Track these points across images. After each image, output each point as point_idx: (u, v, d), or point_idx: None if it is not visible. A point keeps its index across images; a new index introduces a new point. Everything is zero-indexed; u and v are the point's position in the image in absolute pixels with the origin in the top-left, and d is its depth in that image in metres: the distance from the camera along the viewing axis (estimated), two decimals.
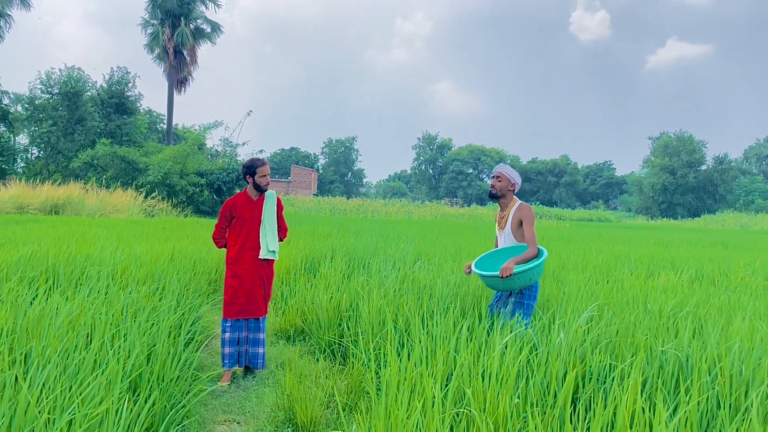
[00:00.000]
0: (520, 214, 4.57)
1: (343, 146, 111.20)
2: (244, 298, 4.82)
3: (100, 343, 3.29)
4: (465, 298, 5.17)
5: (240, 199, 4.99)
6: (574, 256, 9.98)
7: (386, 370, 3.37)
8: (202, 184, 30.44)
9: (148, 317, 4.22)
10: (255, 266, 4.89)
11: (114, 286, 4.92)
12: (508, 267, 4.18)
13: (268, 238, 4.96)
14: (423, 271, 6.81)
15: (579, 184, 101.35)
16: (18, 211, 23.28)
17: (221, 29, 43.28)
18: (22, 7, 36.13)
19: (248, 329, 4.89)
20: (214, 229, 4.98)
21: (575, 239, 17.09)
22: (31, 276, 5.44)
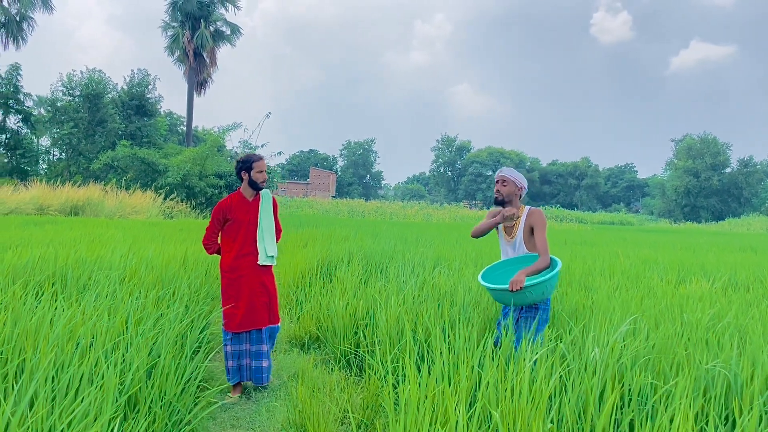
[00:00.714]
0: (532, 221, 4.14)
1: (361, 148, 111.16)
2: (244, 308, 4.48)
3: (100, 354, 3.06)
4: (489, 306, 4.87)
5: (234, 200, 4.59)
6: (600, 261, 9.62)
7: (405, 387, 3.11)
8: (221, 185, 30.42)
9: (154, 325, 4.00)
10: (254, 273, 4.54)
11: (121, 292, 4.71)
12: (519, 279, 3.79)
13: (267, 242, 4.60)
14: (443, 276, 6.53)
15: (600, 186, 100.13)
16: (38, 212, 23.41)
17: (240, 31, 43.37)
18: (44, 10, 36.49)
19: (249, 341, 4.54)
20: (205, 233, 4.62)
21: (599, 243, 16.66)
22: (38, 280, 5.27)
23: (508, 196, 4.21)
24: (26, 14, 35.72)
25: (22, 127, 33.08)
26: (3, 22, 34.74)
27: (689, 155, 73.99)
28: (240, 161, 4.54)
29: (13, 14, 35.31)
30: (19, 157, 32.55)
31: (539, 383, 2.81)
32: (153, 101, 38.99)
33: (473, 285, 5.71)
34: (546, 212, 62.56)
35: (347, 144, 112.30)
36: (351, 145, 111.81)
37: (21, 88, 32.03)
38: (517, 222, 4.20)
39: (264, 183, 4.58)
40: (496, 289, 3.95)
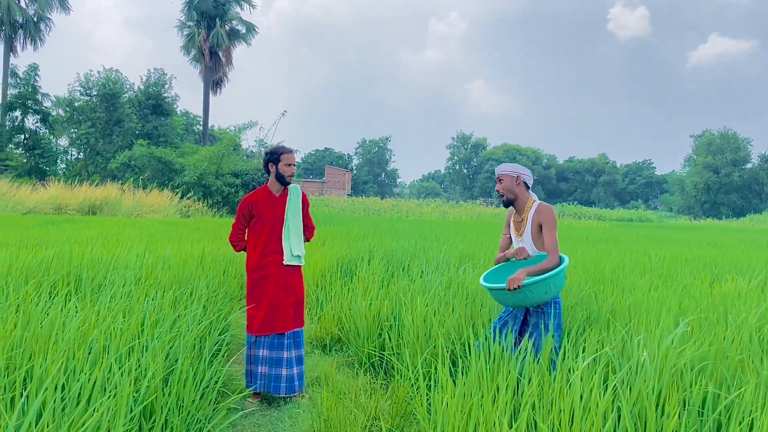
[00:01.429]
0: (540, 217, 3.79)
1: (376, 146, 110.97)
2: (267, 310, 4.20)
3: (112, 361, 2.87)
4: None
5: (260, 196, 4.31)
6: (628, 259, 9.31)
7: (439, 396, 2.88)
8: (238, 184, 30.38)
9: (171, 327, 3.80)
10: (280, 273, 4.26)
11: (137, 292, 4.52)
12: (517, 277, 3.50)
13: (292, 241, 4.30)
14: (469, 275, 6.27)
15: (617, 183, 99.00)
16: (56, 211, 23.48)
17: (256, 30, 43.35)
18: (61, 10, 36.69)
19: (267, 347, 4.23)
20: (231, 230, 4.39)
21: (622, 240, 16.29)
22: (52, 279, 5.10)
23: (510, 191, 3.90)
24: (43, 15, 35.95)
25: (40, 127, 33.30)
26: (21, 23, 34.99)
27: (709, 151, 72.88)
28: (268, 153, 4.28)
29: (30, 15, 35.55)
30: (37, 157, 32.77)
31: (593, 394, 2.56)
32: (169, 101, 39.09)
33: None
34: (563, 209, 61.88)
35: (362, 142, 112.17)
36: (366, 143, 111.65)
37: (39, 89, 32.23)
38: (525, 218, 3.88)
39: (291, 177, 4.29)
40: (494, 288, 3.64)
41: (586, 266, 7.62)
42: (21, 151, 33.08)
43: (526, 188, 3.93)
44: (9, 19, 34.04)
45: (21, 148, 33.03)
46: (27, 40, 35.97)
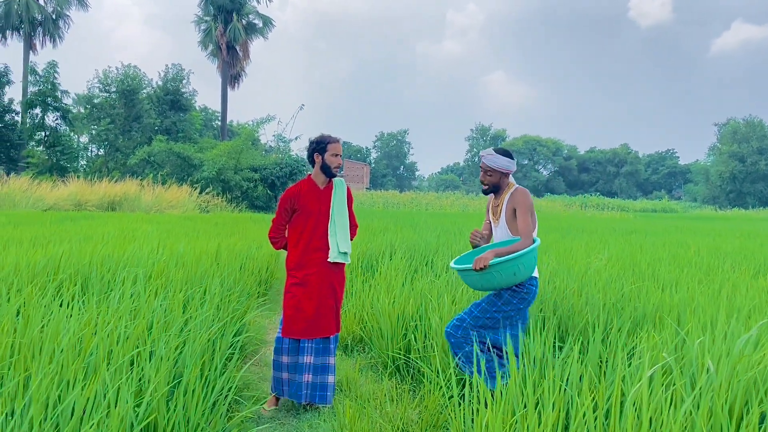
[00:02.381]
0: (514, 202, 3.74)
1: (395, 140, 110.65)
2: (313, 311, 3.84)
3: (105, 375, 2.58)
4: (560, 304, 4.25)
5: (304, 188, 3.98)
6: (663, 251, 8.87)
7: (481, 417, 2.55)
8: (256, 179, 30.26)
9: (181, 331, 3.52)
10: (324, 271, 3.91)
11: (146, 292, 4.24)
12: (484, 257, 3.37)
13: (339, 237, 3.96)
14: None
15: (640, 173, 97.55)
16: (76, 207, 23.50)
17: (273, 23, 43.14)
18: (79, 8, 36.77)
19: (313, 353, 3.85)
20: (271, 225, 4.05)
21: (650, 232, 15.77)
22: (60, 279, 4.85)
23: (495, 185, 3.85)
24: (62, 12, 36.06)
25: (60, 124, 33.43)
26: (40, 21, 35.13)
27: (734, 139, 71.36)
28: (313, 142, 3.96)
29: (49, 12, 35.68)
30: (58, 154, 32.92)
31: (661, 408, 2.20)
32: (187, 96, 39.06)
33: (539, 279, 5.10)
34: (585, 200, 60.88)
35: (381, 135, 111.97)
36: (384, 136, 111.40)
37: (59, 86, 32.31)
38: (501, 201, 3.82)
39: (338, 169, 3.97)
40: (461, 269, 3.48)
41: (622, 260, 7.21)
42: (42, 148, 33.24)
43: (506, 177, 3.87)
44: (28, 17, 34.20)
45: (42, 145, 33.18)
46: (46, 38, 36.14)
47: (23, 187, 23.10)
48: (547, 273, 5.51)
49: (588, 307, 4.05)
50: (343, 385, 4.28)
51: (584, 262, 6.85)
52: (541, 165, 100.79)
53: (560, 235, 12.85)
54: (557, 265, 6.38)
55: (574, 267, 6.16)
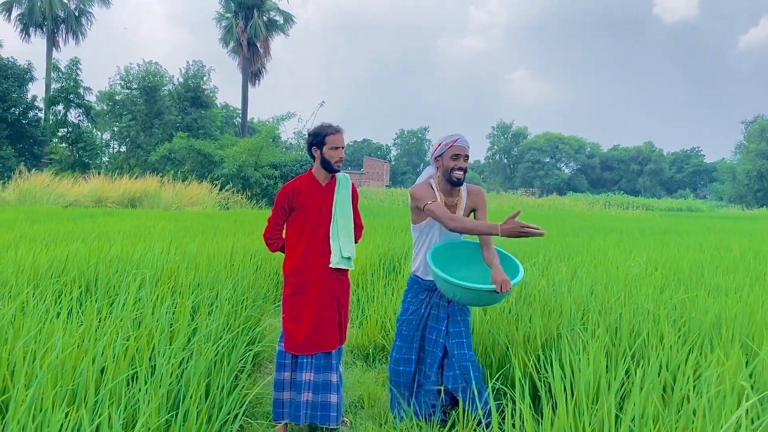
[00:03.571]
0: (475, 201, 3.50)
1: (415, 137, 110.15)
2: (312, 323, 3.44)
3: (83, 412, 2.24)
4: (606, 316, 3.83)
5: (303, 184, 3.54)
6: (702, 254, 8.36)
7: None
8: (277, 176, 30.03)
9: (186, 345, 3.18)
10: (325, 279, 3.51)
11: (151, 297, 3.92)
12: (507, 279, 3.04)
13: (342, 239, 3.53)
14: (534, 275, 5.48)
15: (664, 172, 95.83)
16: (96, 204, 23.48)
17: (293, 20, 42.92)
18: (102, 5, 36.88)
19: (313, 369, 3.47)
20: (267, 224, 3.61)
21: (681, 232, 15.17)
22: (63, 281, 4.56)
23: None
24: (84, 9, 36.19)
25: (83, 121, 33.55)
26: (63, 18, 35.30)
27: (762, 137, 69.59)
28: (311, 134, 3.54)
29: (71, 9, 35.83)
30: (80, 151, 33.06)
31: None
32: (208, 92, 38.98)
33: (573, 286, 4.68)
34: (609, 199, 59.84)
35: (400, 133, 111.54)
36: (404, 133, 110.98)
37: (81, 83, 32.41)
38: (459, 200, 3.48)
39: (340, 163, 3.55)
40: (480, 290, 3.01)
41: (662, 264, 6.74)
42: (64, 145, 33.39)
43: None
44: (51, 14, 34.37)
45: (64, 142, 33.33)
46: (69, 35, 36.32)
47: (44, 183, 23.13)
48: (586, 278, 5.09)
49: (638, 319, 3.62)
50: (364, 401, 3.92)
51: (622, 265, 6.40)
52: (563, 163, 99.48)
53: (588, 235, 12.36)
54: (594, 269, 5.94)
55: (613, 271, 5.72)
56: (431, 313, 3.47)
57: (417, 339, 3.47)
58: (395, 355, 3.50)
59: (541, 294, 4.44)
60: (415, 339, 3.47)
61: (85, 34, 36.83)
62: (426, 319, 3.48)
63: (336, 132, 3.49)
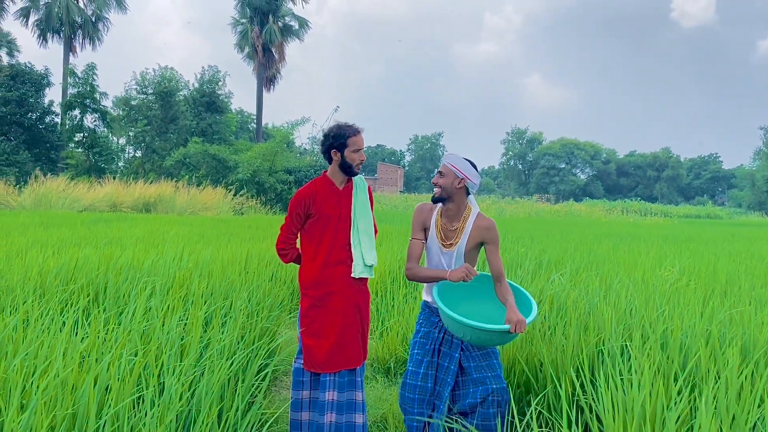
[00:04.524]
0: (485, 235, 3.17)
1: (429, 142, 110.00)
2: (335, 338, 3.18)
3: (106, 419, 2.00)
4: (649, 333, 3.53)
5: (320, 189, 3.26)
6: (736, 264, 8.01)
7: None
8: (291, 181, 29.92)
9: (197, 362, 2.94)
10: (347, 289, 3.24)
11: (162, 308, 3.69)
12: (521, 319, 2.83)
13: (364, 246, 3.27)
14: (564, 287, 5.18)
15: (682, 178, 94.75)
16: (111, 209, 23.46)
17: (308, 25, 42.91)
18: (118, 10, 37.08)
19: (336, 388, 3.17)
20: (279, 233, 3.33)
21: (708, 240, 14.76)
22: (71, 289, 4.35)
23: (447, 192, 3.15)
24: (101, 15, 36.39)
25: (98, 126, 33.67)
26: (80, 23, 35.50)
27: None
28: (330, 135, 3.23)
29: (88, 15, 36.04)
30: (96, 156, 33.19)
31: None
32: (223, 98, 39.03)
33: (615, 297, 4.39)
34: (626, 205, 58.92)
35: (414, 138, 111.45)
36: (418, 139, 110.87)
37: (97, 88, 32.55)
38: (461, 226, 3.17)
39: (360, 166, 3.27)
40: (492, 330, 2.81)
41: (695, 274, 6.42)
42: (81, 149, 33.52)
43: (466, 194, 3.22)
44: (68, 20, 34.58)
45: (81, 146, 33.46)
46: (85, 40, 36.53)
47: (60, 188, 23.15)
48: (620, 289, 4.79)
49: (688, 337, 3.33)
50: (388, 421, 3.66)
51: (654, 274, 6.09)
52: (579, 169, 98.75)
53: (612, 242, 12.01)
54: (627, 278, 5.64)
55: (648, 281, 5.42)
56: (445, 337, 3.20)
57: (432, 365, 3.17)
58: (405, 379, 3.21)
59: (576, 306, 4.15)
60: (431, 365, 3.17)
61: (101, 39, 37.03)
62: (440, 343, 3.21)
63: (357, 133, 3.23)
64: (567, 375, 3.24)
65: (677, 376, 2.97)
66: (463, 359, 3.13)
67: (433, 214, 3.26)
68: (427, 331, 3.23)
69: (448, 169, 3.14)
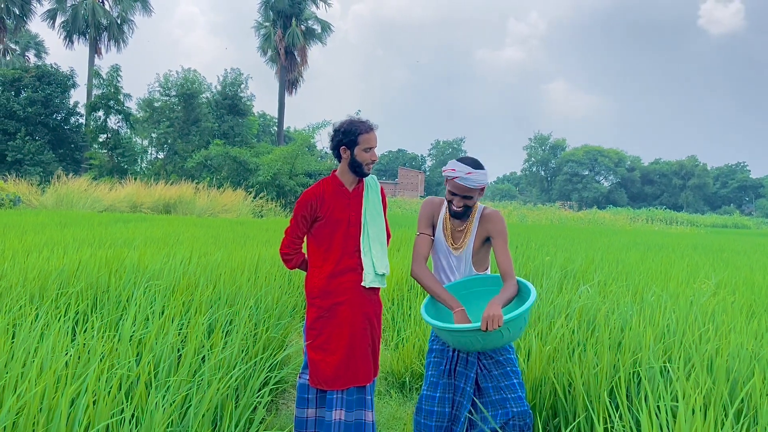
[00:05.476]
0: (489, 228, 2.87)
1: (450, 147, 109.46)
2: (344, 353, 2.93)
3: None
4: (694, 350, 3.20)
5: (328, 190, 3.00)
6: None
7: None
8: (311, 184, 29.79)
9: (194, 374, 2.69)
10: (357, 299, 2.97)
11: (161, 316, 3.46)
12: (495, 314, 2.48)
13: (375, 253, 3.01)
14: (589, 299, 4.85)
15: (708, 187, 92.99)
16: (132, 209, 23.51)
17: (331, 28, 42.91)
18: (144, 13, 37.39)
19: (344, 406, 2.92)
20: (284, 237, 3.06)
21: (740, 250, 14.21)
22: (70, 292, 4.14)
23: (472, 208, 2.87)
24: (126, 17, 36.71)
25: (122, 127, 33.95)
26: (105, 25, 35.85)
27: None
28: (340, 131, 2.95)
29: (114, 17, 36.39)
30: (119, 157, 33.45)
31: None
32: (245, 100, 39.11)
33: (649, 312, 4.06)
34: (651, 214, 57.77)
35: (436, 143, 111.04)
36: (440, 144, 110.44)
37: (121, 89, 32.80)
38: (468, 225, 2.90)
39: (371, 166, 2.99)
40: (461, 330, 2.56)
41: (732, 287, 6.03)
42: (104, 150, 33.79)
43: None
44: (94, 22, 34.93)
45: (104, 147, 33.74)
46: (111, 42, 36.88)
47: (82, 188, 23.26)
48: (654, 304, 4.45)
49: (736, 360, 2.99)
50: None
51: (689, 287, 5.72)
52: (602, 176, 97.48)
53: (640, 251, 11.58)
54: (660, 291, 5.28)
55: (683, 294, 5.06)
56: (460, 355, 2.89)
57: (449, 387, 2.86)
58: (420, 404, 2.91)
59: (608, 321, 3.83)
60: (448, 387, 2.86)
61: (126, 41, 37.37)
62: (456, 362, 2.90)
63: (370, 130, 2.95)
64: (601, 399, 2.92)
65: (726, 404, 2.64)
66: (481, 379, 2.83)
67: (442, 210, 2.98)
68: (441, 349, 2.94)
69: (473, 191, 2.80)
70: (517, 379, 2.82)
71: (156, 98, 36.05)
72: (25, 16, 35.87)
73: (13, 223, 11.47)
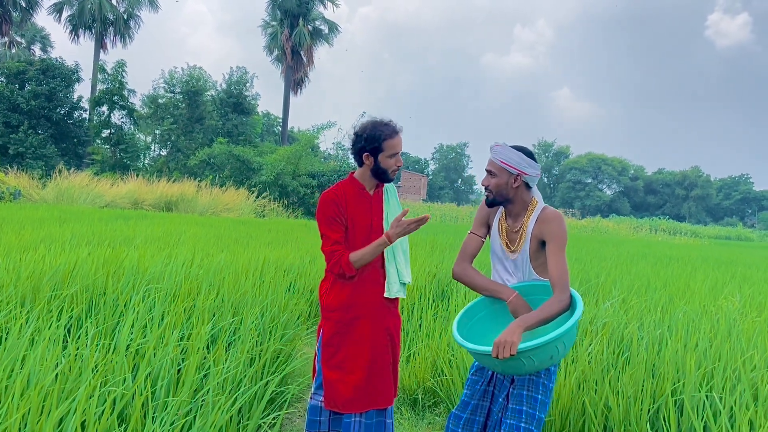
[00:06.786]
0: (544, 229, 2.50)
1: (453, 152, 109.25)
2: (364, 372, 2.66)
3: None
4: (738, 376, 2.94)
5: (350, 192, 2.75)
6: None
7: None
8: (314, 185, 29.54)
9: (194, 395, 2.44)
10: (378, 313, 2.72)
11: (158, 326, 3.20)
12: (509, 341, 2.14)
13: (399, 261, 2.78)
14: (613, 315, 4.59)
15: (711, 198, 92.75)
16: (133, 206, 23.27)
17: (338, 29, 42.73)
18: (150, 9, 37.21)
19: (363, 430, 2.66)
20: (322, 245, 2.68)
21: (750, 263, 13.94)
22: (64, 296, 3.89)
23: (501, 194, 2.54)
24: (133, 12, 36.55)
25: (126, 123, 33.74)
26: (111, 20, 35.68)
27: None
28: (363, 137, 2.69)
29: (120, 12, 36.23)
30: (122, 153, 33.24)
31: None
32: (250, 99, 38.91)
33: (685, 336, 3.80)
34: (654, 224, 57.38)
35: (439, 147, 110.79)
36: (443, 148, 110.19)
37: (126, 85, 32.60)
38: (524, 226, 2.55)
39: (395, 173, 2.76)
40: (476, 351, 2.26)
41: (762, 306, 5.76)
42: (107, 146, 33.59)
43: (527, 188, 2.57)
44: (100, 16, 34.76)
45: (107, 143, 33.53)
46: (116, 37, 36.71)
47: (83, 183, 23.03)
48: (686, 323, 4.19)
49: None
50: None
51: (714, 304, 5.46)
52: (605, 184, 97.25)
53: (649, 263, 11.32)
54: (684, 307, 5.02)
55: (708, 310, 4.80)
56: (498, 377, 2.58)
57: (479, 409, 2.56)
58: (447, 422, 2.62)
59: (640, 342, 3.56)
60: (478, 409, 2.55)
61: (132, 37, 37.19)
62: (494, 384, 2.59)
63: (395, 134, 2.70)
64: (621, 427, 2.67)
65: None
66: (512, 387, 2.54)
67: (498, 211, 2.69)
68: (481, 366, 2.62)
69: (499, 167, 2.52)
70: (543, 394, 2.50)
71: (160, 95, 35.88)
72: (32, 9, 35.70)
73: (12, 218, 11.23)
